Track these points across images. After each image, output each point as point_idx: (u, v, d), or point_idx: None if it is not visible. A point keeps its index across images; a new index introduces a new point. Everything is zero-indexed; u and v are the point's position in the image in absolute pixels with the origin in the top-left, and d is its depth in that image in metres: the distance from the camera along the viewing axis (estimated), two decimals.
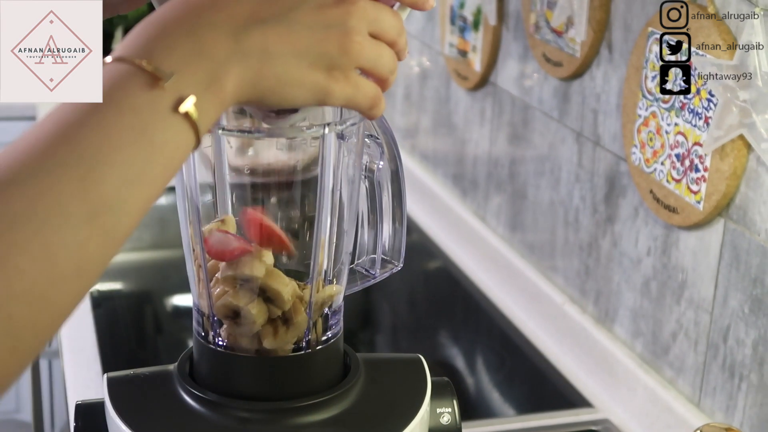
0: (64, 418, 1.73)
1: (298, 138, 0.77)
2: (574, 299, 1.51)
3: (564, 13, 1.45)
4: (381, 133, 0.83)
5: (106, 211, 0.54)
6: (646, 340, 1.34)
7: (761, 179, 1.12)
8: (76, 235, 0.53)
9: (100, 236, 0.54)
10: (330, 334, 0.82)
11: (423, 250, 1.89)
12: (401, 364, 0.87)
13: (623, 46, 1.35)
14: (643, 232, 1.33)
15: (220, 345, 0.80)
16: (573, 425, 1.35)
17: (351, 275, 0.86)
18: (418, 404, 0.82)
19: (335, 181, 0.79)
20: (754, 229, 1.13)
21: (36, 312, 0.52)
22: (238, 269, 0.77)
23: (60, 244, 0.52)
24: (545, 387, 1.47)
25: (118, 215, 0.55)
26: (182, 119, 0.57)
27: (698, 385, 1.24)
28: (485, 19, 1.71)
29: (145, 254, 1.91)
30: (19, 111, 2.53)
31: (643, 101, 1.29)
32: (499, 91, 1.71)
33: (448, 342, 1.69)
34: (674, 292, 1.28)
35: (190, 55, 0.58)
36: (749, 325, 1.15)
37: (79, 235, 0.53)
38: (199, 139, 0.59)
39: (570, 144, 1.50)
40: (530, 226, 1.64)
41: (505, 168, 1.71)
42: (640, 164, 1.30)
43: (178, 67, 0.58)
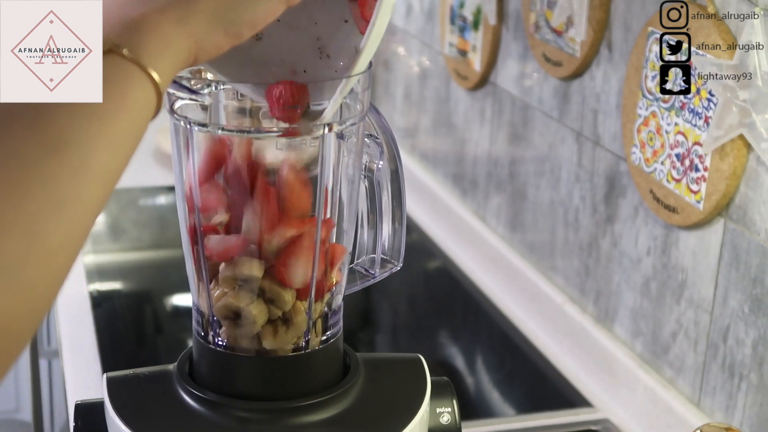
0: (64, 418, 1.73)
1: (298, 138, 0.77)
2: (574, 299, 1.51)
3: (564, 12, 1.45)
4: (381, 132, 0.83)
5: (69, 145, 0.54)
6: (646, 339, 1.35)
7: (761, 179, 1.12)
8: (43, 170, 0.53)
9: (69, 170, 0.54)
10: (330, 334, 0.82)
11: (423, 250, 1.89)
12: (401, 364, 0.87)
13: (623, 46, 1.35)
14: (643, 231, 1.33)
15: (219, 345, 0.80)
16: (573, 425, 1.35)
17: (351, 275, 0.86)
18: (417, 404, 0.82)
19: (335, 181, 0.79)
20: (754, 229, 1.13)
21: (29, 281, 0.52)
22: (237, 269, 0.77)
23: (30, 179, 0.52)
24: (545, 387, 1.47)
25: (83, 150, 0.55)
26: (142, 74, 0.59)
27: (698, 385, 1.24)
28: (485, 19, 1.71)
29: (145, 254, 1.91)
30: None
31: (643, 101, 1.29)
32: (499, 91, 1.71)
33: (448, 342, 1.69)
34: (674, 292, 1.28)
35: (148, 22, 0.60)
36: (749, 325, 1.15)
37: (45, 169, 0.53)
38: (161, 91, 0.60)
39: (570, 144, 1.50)
40: (530, 226, 1.64)
41: (505, 168, 1.71)
42: (640, 164, 1.30)
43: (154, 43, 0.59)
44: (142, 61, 0.59)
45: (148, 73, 0.59)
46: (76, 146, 0.55)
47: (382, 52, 2.24)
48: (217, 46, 0.63)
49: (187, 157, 0.77)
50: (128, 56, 0.58)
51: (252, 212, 0.76)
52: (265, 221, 0.76)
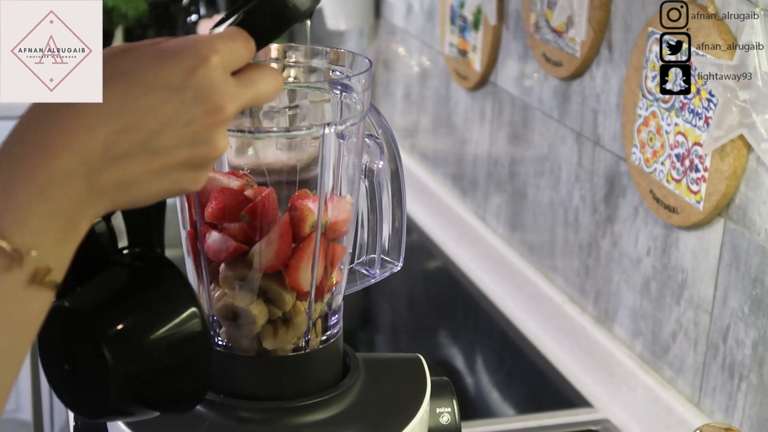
0: (64, 418, 1.73)
1: (298, 138, 0.77)
2: (574, 299, 1.51)
3: (564, 12, 1.45)
4: (381, 132, 0.83)
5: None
6: (645, 340, 1.35)
7: (761, 179, 1.12)
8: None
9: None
10: (330, 334, 0.82)
11: (423, 250, 1.89)
12: (401, 364, 0.87)
13: (623, 46, 1.35)
14: (643, 232, 1.33)
15: (220, 345, 0.80)
16: (573, 425, 1.35)
17: (351, 275, 0.86)
18: (417, 404, 0.82)
19: (335, 181, 0.79)
20: (754, 229, 1.13)
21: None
22: (237, 270, 0.77)
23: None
24: (545, 387, 1.47)
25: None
26: (41, 287, 0.55)
27: (698, 385, 1.24)
28: (485, 19, 1.71)
29: None
30: (19, 111, 2.52)
31: (643, 101, 1.29)
32: (499, 91, 1.71)
33: (448, 342, 1.69)
34: (674, 292, 1.28)
35: (45, 219, 0.55)
36: (749, 325, 1.15)
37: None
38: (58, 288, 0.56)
39: (570, 144, 1.50)
40: (530, 226, 1.64)
41: (505, 168, 1.71)
42: (640, 164, 1.30)
43: (35, 237, 0.54)
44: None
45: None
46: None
47: (382, 52, 2.24)
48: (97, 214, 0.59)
49: None
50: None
51: (266, 241, 0.76)
52: (276, 251, 0.77)
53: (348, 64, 0.81)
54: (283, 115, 0.78)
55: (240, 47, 0.61)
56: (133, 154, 0.57)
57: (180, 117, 0.58)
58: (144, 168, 0.58)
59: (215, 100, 0.59)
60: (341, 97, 0.78)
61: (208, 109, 0.59)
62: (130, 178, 0.58)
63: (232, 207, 0.77)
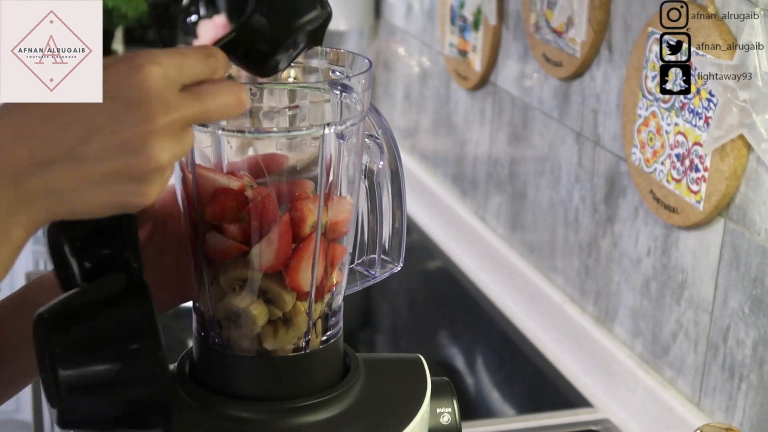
0: None
1: (298, 138, 0.77)
2: (574, 299, 1.51)
3: (564, 13, 1.45)
4: (381, 133, 0.83)
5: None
6: (645, 340, 1.34)
7: (761, 179, 1.12)
8: None
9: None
10: (330, 335, 0.82)
11: (423, 250, 1.89)
12: (401, 364, 0.87)
13: (623, 46, 1.35)
14: (643, 232, 1.33)
15: (220, 345, 0.80)
16: (573, 425, 1.35)
17: (351, 275, 0.86)
18: (417, 404, 0.82)
19: (335, 182, 0.79)
20: (754, 229, 1.13)
21: None
22: (237, 270, 0.77)
23: None
24: (545, 387, 1.47)
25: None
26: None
27: (698, 385, 1.24)
28: (485, 19, 1.71)
29: None
30: None
31: (643, 101, 1.29)
32: (499, 91, 1.71)
33: (448, 342, 1.69)
34: (674, 292, 1.28)
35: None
36: (749, 325, 1.15)
37: None
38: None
39: (570, 144, 1.50)
40: (530, 226, 1.64)
41: (505, 168, 1.71)
42: (640, 164, 1.30)
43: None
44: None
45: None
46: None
47: (382, 53, 2.24)
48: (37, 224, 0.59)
49: (187, 158, 0.77)
50: None
51: (266, 242, 0.76)
52: (277, 252, 0.76)
53: (348, 64, 0.81)
54: (283, 115, 0.78)
55: (192, 62, 0.60)
56: (59, 160, 0.57)
57: (107, 125, 0.57)
58: (72, 176, 0.57)
59: (145, 108, 0.58)
60: (341, 97, 0.78)
61: (137, 118, 0.58)
62: (58, 186, 0.57)
63: (232, 207, 0.77)
